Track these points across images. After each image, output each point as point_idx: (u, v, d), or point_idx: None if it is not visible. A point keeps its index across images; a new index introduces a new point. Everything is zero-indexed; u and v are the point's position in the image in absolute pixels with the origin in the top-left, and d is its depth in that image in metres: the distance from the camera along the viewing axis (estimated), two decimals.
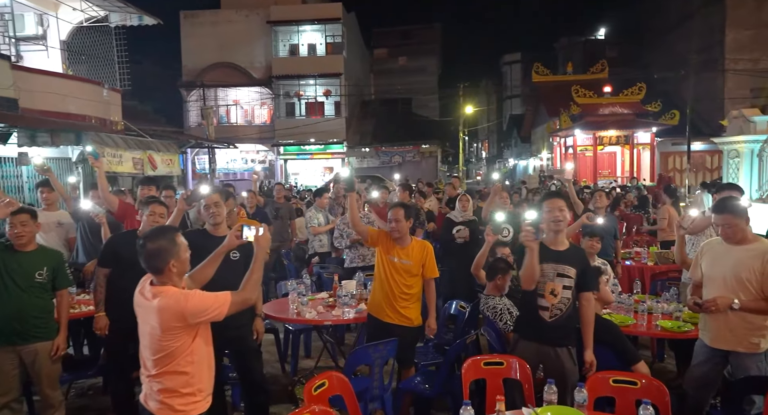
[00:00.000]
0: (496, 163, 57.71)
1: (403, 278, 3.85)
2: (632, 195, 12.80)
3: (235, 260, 3.62)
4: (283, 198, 8.01)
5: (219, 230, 3.69)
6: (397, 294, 3.84)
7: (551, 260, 3.19)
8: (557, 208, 3.21)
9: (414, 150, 30.22)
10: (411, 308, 3.91)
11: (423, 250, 3.93)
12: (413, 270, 3.87)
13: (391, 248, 3.89)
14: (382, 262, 3.91)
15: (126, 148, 11.32)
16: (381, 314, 3.90)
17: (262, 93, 29.23)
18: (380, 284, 3.92)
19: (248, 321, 3.73)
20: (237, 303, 2.51)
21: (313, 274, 6.32)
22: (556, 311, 3.17)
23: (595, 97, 26.62)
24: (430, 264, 3.95)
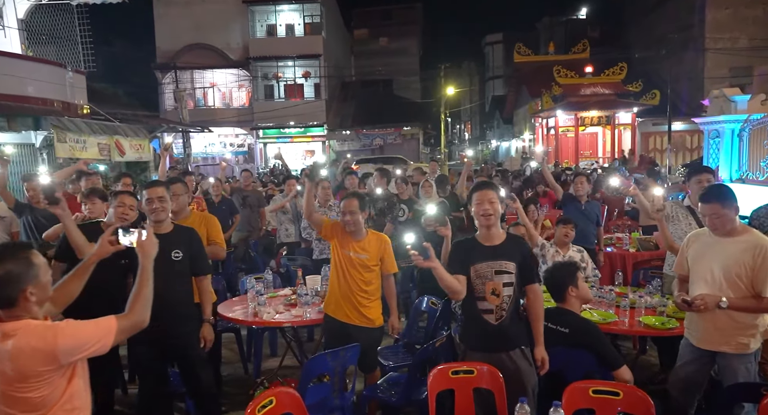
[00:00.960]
0: (479, 145, 57.55)
1: (359, 273, 3.55)
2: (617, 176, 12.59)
3: (177, 261, 3.29)
4: (250, 185, 7.63)
5: (162, 228, 3.35)
6: (354, 291, 3.55)
7: (486, 257, 2.89)
8: (487, 200, 2.91)
9: (395, 132, 29.84)
10: (371, 307, 3.61)
11: (380, 243, 3.63)
12: (370, 265, 3.57)
13: (346, 242, 3.59)
14: (337, 257, 3.61)
15: (90, 133, 10.83)
16: (338, 313, 3.60)
17: (239, 75, 28.53)
18: (337, 280, 3.62)
19: (192, 329, 3.40)
20: (126, 329, 1.99)
21: (282, 266, 6.00)
22: (501, 313, 2.87)
23: (577, 77, 26.45)
24: (389, 258, 3.66)
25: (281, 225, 6.86)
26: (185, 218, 4.03)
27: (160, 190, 3.34)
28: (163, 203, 3.30)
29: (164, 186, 3.41)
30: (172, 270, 3.27)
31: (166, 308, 3.17)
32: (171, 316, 3.19)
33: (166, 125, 17.02)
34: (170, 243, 3.27)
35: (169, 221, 3.40)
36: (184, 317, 3.34)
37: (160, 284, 3.19)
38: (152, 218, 3.29)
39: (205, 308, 3.48)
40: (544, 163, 5.93)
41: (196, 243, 3.46)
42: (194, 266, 3.41)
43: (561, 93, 26.37)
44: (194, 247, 3.42)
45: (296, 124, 28.49)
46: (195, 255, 3.41)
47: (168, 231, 3.36)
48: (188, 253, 3.35)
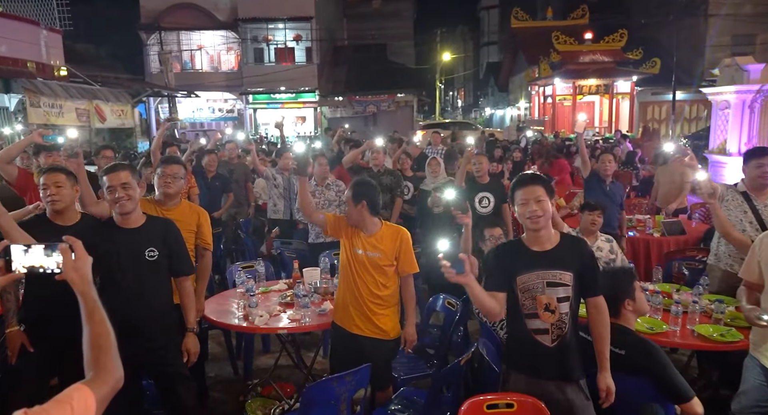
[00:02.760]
0: (472, 113, 56.74)
1: (371, 275, 3.02)
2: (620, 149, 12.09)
3: (152, 260, 2.77)
4: (236, 158, 7.06)
5: (131, 221, 2.80)
6: (366, 297, 3.02)
7: (535, 265, 2.38)
8: (534, 199, 2.36)
9: (389, 99, 29.03)
10: (386, 316, 3.08)
11: (396, 238, 3.07)
12: (384, 265, 3.03)
13: (356, 238, 3.05)
14: (346, 256, 3.08)
15: (67, 97, 10.14)
16: (348, 323, 3.09)
17: (228, 37, 27.43)
18: (346, 284, 3.10)
19: (172, 340, 2.89)
20: (106, 397, 1.39)
21: (274, 248, 5.47)
22: (559, 332, 2.37)
23: (576, 44, 25.71)
24: (407, 256, 3.08)
25: (270, 199, 6.31)
26: (174, 208, 3.44)
27: (123, 174, 2.72)
28: (128, 190, 2.70)
29: (128, 169, 2.78)
30: (146, 272, 2.76)
31: (141, 317, 2.68)
32: (146, 327, 2.71)
33: (151, 89, 16.21)
34: (143, 239, 2.78)
35: (139, 212, 2.83)
36: (163, 328, 2.83)
37: (132, 288, 2.67)
38: (117, 209, 2.73)
39: (188, 315, 2.96)
40: (582, 135, 5.33)
41: (173, 237, 2.91)
42: (173, 265, 2.90)
43: (559, 60, 25.66)
44: (172, 242, 2.88)
45: (287, 89, 27.57)
46: (174, 252, 2.88)
47: (139, 225, 2.81)
48: (165, 250, 2.82)
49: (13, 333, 2.82)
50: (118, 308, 2.63)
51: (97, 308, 1.46)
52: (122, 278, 2.69)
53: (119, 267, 2.69)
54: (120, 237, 2.73)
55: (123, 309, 2.64)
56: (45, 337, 2.82)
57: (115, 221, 2.77)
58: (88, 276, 1.45)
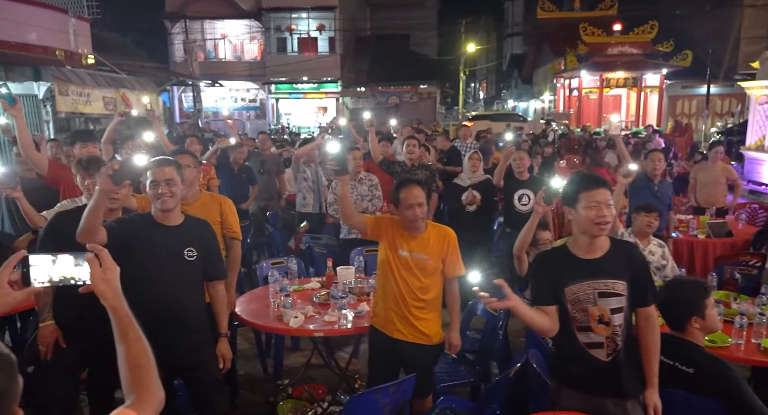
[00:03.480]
0: (494, 105, 56.15)
1: (416, 278, 2.86)
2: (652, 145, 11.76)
3: (191, 261, 2.66)
4: (269, 149, 6.96)
5: (171, 219, 2.68)
6: (409, 301, 2.86)
7: (585, 274, 2.22)
8: (605, 203, 2.19)
9: (412, 91, 28.77)
10: (429, 320, 2.93)
11: (444, 239, 2.91)
12: (430, 267, 2.87)
13: (400, 239, 2.89)
14: (388, 259, 2.91)
15: (95, 85, 10.13)
16: (388, 327, 2.93)
17: (251, 26, 27.37)
18: (386, 287, 2.94)
19: (206, 346, 2.76)
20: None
21: (302, 243, 5.36)
22: (614, 346, 2.22)
23: (604, 35, 25.17)
24: (454, 258, 2.92)
25: (299, 193, 6.21)
26: (194, 200, 3.29)
27: (168, 170, 2.60)
28: (172, 187, 2.58)
29: (174, 165, 2.65)
30: (183, 272, 2.65)
31: (175, 321, 2.59)
32: (180, 331, 2.62)
33: (176, 78, 16.21)
34: (182, 239, 2.67)
35: (179, 210, 2.72)
36: (197, 330, 2.73)
37: (168, 288, 2.57)
38: (158, 206, 2.61)
39: (221, 320, 2.84)
40: (619, 137, 5.12)
41: (210, 239, 2.82)
42: (208, 269, 2.78)
43: (586, 52, 25.15)
44: (209, 244, 2.78)
45: (309, 79, 27.46)
46: (209, 255, 2.78)
47: (178, 223, 2.70)
48: (202, 252, 2.71)
49: (47, 328, 2.74)
50: (153, 308, 2.53)
51: (131, 325, 1.31)
52: (159, 277, 2.60)
53: (157, 265, 2.59)
54: (159, 234, 2.63)
55: (158, 309, 2.56)
56: (76, 335, 2.74)
57: (154, 217, 2.66)
58: (118, 288, 1.31)
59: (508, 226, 5.25)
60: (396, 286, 2.88)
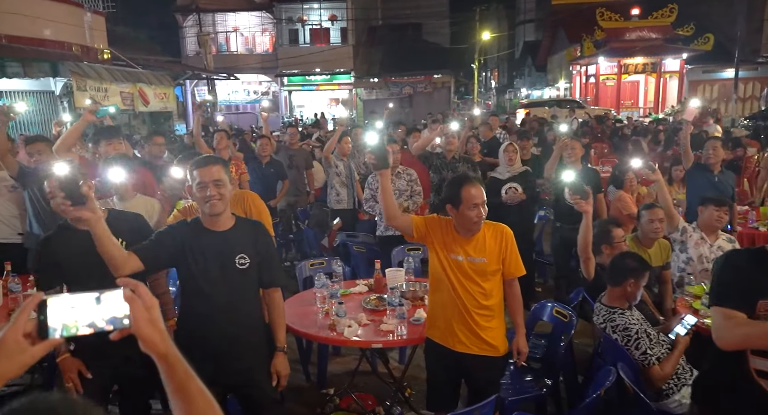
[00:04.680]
0: (506, 94, 55.48)
1: (475, 284, 2.60)
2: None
3: (243, 269, 2.42)
4: (297, 143, 6.74)
5: (220, 223, 2.42)
6: (471, 309, 2.60)
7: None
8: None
9: (426, 81, 28.41)
10: (495, 329, 2.67)
11: (501, 237, 2.65)
12: (490, 270, 2.62)
13: (452, 243, 2.63)
14: (441, 264, 2.64)
15: (112, 80, 9.95)
16: (448, 340, 2.67)
17: (263, 18, 27.11)
18: (443, 296, 2.65)
19: (262, 361, 2.51)
20: None
21: (336, 242, 5.13)
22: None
23: (622, 20, 24.66)
24: (513, 256, 2.67)
25: (332, 189, 5.99)
26: None
27: (215, 170, 2.33)
28: (221, 189, 2.32)
29: (221, 164, 2.39)
30: (236, 282, 2.40)
31: (229, 337, 2.37)
32: (235, 345, 2.38)
33: (191, 72, 16.01)
34: (233, 245, 2.41)
35: (228, 213, 2.44)
36: (253, 346, 2.49)
37: (221, 301, 2.35)
38: (207, 210, 2.36)
39: (278, 332, 2.56)
40: (689, 124, 4.81)
41: (264, 242, 2.53)
42: (264, 275, 2.51)
43: (604, 38, 24.67)
44: (263, 248, 2.50)
45: (322, 71, 27.20)
46: (264, 259, 2.50)
47: (228, 227, 2.44)
48: (256, 257, 2.45)
49: (66, 362, 2.49)
50: (205, 324, 2.36)
51: (189, 376, 1.03)
52: (211, 289, 2.36)
53: (207, 276, 2.36)
54: (209, 241, 2.38)
55: (211, 325, 2.36)
56: (101, 356, 2.50)
57: (202, 222, 2.41)
58: (165, 330, 1.03)
59: (557, 220, 4.99)
60: (455, 294, 2.62)
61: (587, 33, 25.00)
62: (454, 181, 2.70)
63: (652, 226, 3.56)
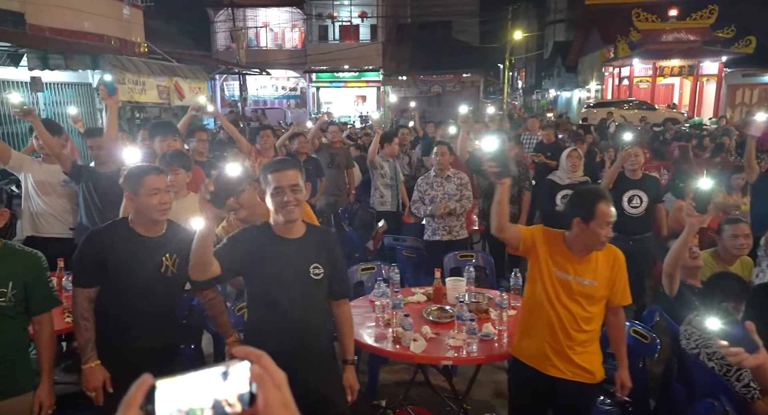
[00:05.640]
0: (534, 94, 54.87)
1: (580, 307, 2.43)
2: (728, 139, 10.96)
3: (317, 279, 2.27)
4: (339, 142, 6.61)
5: (294, 230, 2.27)
6: (571, 333, 2.43)
7: None
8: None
9: (455, 79, 28.18)
10: (592, 354, 2.50)
11: (613, 261, 2.48)
12: (599, 295, 2.45)
13: (561, 259, 2.45)
14: (543, 281, 2.47)
15: (150, 74, 9.93)
16: (542, 363, 2.49)
17: (293, 13, 27.10)
18: (539, 315, 2.48)
19: (332, 374, 2.38)
20: None
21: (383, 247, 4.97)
22: None
23: (659, 21, 24.08)
24: (622, 283, 2.49)
25: (375, 190, 5.84)
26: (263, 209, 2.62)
27: (292, 174, 2.17)
28: (297, 194, 2.18)
29: (297, 168, 2.23)
30: (309, 293, 2.25)
31: (304, 351, 2.23)
32: (308, 363, 2.23)
33: (224, 66, 16.00)
34: (307, 253, 2.26)
35: (301, 219, 2.30)
36: (324, 359, 2.36)
37: (294, 313, 2.20)
38: (283, 217, 2.19)
39: (348, 345, 2.45)
40: (754, 138, 4.55)
41: (336, 251, 2.38)
42: (334, 285, 2.36)
43: (639, 39, 24.11)
44: (335, 257, 2.36)
45: (351, 67, 27.10)
46: (335, 269, 2.35)
47: (301, 235, 2.28)
48: (328, 267, 2.30)
49: (92, 370, 2.34)
50: (276, 337, 2.21)
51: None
52: (284, 300, 2.21)
53: (281, 287, 2.21)
54: (282, 249, 2.23)
55: (287, 339, 2.21)
56: (124, 350, 2.39)
57: (275, 230, 2.26)
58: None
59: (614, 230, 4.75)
60: (554, 314, 2.44)
61: (622, 34, 24.46)
62: (587, 194, 2.50)
63: (735, 242, 3.32)
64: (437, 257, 4.63)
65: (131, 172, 2.45)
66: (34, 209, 4.00)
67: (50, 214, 3.98)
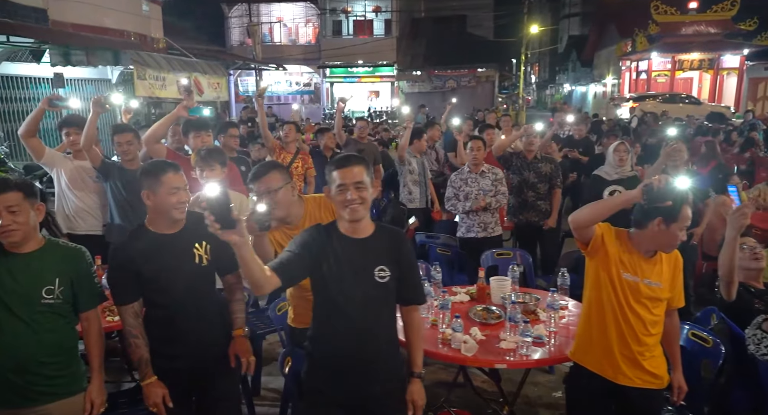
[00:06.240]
0: (548, 89, 54.50)
1: (647, 310, 2.33)
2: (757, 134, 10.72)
3: (383, 283, 2.14)
4: (366, 137, 6.51)
5: (360, 229, 2.13)
6: (641, 337, 2.32)
7: None
8: None
9: (470, 74, 27.93)
10: (658, 358, 2.40)
11: (674, 263, 2.39)
12: (664, 296, 2.35)
13: (628, 259, 2.33)
14: (611, 282, 2.34)
15: (170, 69, 9.90)
16: (610, 370, 2.36)
17: (306, 8, 27.01)
18: (603, 319, 2.37)
19: (395, 388, 2.22)
20: None
21: (416, 244, 4.87)
22: None
23: (678, 14, 23.72)
24: (680, 285, 2.41)
25: (404, 187, 5.74)
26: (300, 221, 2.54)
27: (358, 170, 2.07)
28: (362, 192, 2.07)
29: (363, 164, 2.11)
30: (374, 299, 2.12)
31: (365, 361, 2.13)
32: (369, 374, 2.13)
33: (241, 62, 15.94)
34: (373, 255, 2.13)
35: (368, 219, 2.16)
36: (388, 374, 2.20)
37: (358, 317, 2.09)
38: (348, 215, 2.08)
39: (416, 356, 2.27)
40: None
41: (407, 254, 2.22)
42: (404, 290, 2.20)
43: (657, 32, 23.75)
44: (405, 260, 2.19)
45: (365, 63, 26.97)
46: (405, 273, 2.19)
47: (368, 235, 2.15)
48: (396, 271, 2.15)
49: (152, 386, 2.27)
50: (342, 345, 2.11)
51: None
52: (346, 304, 2.10)
53: (343, 289, 2.10)
54: (347, 250, 2.12)
55: (347, 346, 2.11)
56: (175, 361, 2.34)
57: (340, 229, 2.16)
58: None
59: None
60: (623, 318, 2.32)
61: (640, 27, 24.12)
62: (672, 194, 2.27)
63: None
64: (472, 255, 4.55)
65: (148, 169, 2.34)
66: (68, 206, 3.97)
67: (84, 210, 3.95)
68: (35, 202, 2.16)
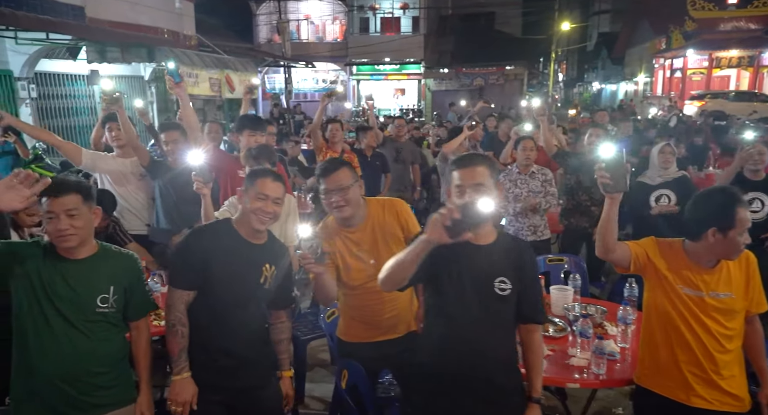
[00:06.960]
0: (576, 87, 53.68)
1: (719, 324, 2.12)
2: None
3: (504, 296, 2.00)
4: (404, 135, 6.35)
5: (480, 235, 1.97)
6: (714, 354, 2.12)
7: None
8: None
9: (498, 72, 27.58)
10: (737, 377, 2.17)
11: (746, 265, 2.17)
12: (738, 307, 2.14)
13: (687, 273, 2.14)
14: (669, 299, 2.16)
15: (203, 66, 9.88)
16: (680, 393, 2.17)
17: (334, 5, 26.95)
18: (668, 338, 2.18)
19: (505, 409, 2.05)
20: None
21: None
22: None
23: (716, 10, 23.03)
24: (758, 288, 2.17)
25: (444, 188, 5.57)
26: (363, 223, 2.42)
27: (480, 171, 1.94)
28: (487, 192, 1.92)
29: (487, 164, 1.98)
30: (492, 313, 1.97)
31: (477, 379, 1.96)
32: (483, 394, 1.97)
33: (271, 59, 15.92)
34: (494, 264, 1.97)
35: (490, 225, 2.00)
36: (505, 396, 2.02)
37: (472, 330, 1.92)
38: None
39: (535, 379, 2.08)
40: None
41: (531, 264, 2.06)
42: (524, 307, 2.03)
43: (694, 29, 23.09)
44: (529, 272, 2.03)
45: (392, 60, 26.81)
46: (527, 287, 2.02)
47: (490, 242, 2.00)
48: (517, 284, 1.98)
49: (183, 382, 2.16)
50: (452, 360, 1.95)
51: None
52: (461, 315, 1.95)
53: (461, 298, 1.94)
54: (468, 256, 1.94)
55: (458, 361, 1.95)
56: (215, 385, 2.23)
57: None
58: None
59: None
60: (691, 336, 2.13)
61: (675, 23, 23.50)
62: (722, 198, 2.11)
63: None
64: None
65: (253, 170, 2.35)
66: None
67: (128, 210, 3.84)
68: (93, 206, 2.06)
